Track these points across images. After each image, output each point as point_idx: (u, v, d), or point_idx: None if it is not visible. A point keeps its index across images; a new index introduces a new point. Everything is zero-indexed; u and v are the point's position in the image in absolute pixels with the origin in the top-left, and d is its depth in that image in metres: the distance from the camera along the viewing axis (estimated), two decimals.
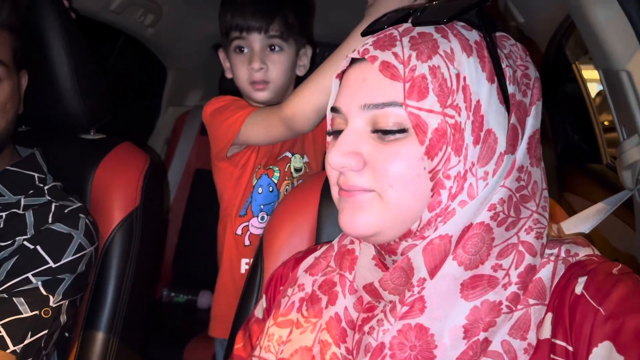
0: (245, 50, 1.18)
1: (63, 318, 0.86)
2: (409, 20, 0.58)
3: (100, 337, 0.95)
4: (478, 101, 0.52)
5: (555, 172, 1.72)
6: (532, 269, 0.53)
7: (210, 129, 1.18)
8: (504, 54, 0.56)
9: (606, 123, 1.68)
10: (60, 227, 0.89)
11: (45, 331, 0.83)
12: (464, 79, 0.52)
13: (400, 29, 0.56)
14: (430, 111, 0.52)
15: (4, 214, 0.91)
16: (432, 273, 0.53)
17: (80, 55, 1.02)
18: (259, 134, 1.10)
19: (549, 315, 0.52)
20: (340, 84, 0.60)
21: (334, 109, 0.59)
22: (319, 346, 0.61)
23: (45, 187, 0.96)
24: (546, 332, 0.51)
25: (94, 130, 1.11)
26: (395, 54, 0.54)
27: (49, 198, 0.94)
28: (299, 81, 1.24)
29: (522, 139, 0.55)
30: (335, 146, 0.55)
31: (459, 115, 0.52)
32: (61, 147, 1.07)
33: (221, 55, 1.25)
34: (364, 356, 0.55)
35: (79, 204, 0.95)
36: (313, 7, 1.31)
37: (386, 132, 0.54)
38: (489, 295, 0.52)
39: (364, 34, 0.63)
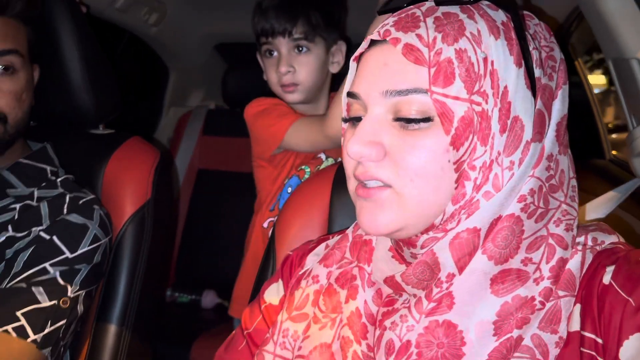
0: (274, 53, 1.19)
1: (80, 308, 0.87)
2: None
3: (112, 329, 0.95)
4: (505, 87, 0.50)
5: None
6: (563, 263, 0.51)
7: (253, 131, 1.22)
8: (529, 35, 0.53)
9: (610, 126, 1.69)
10: (75, 218, 0.90)
11: (64, 321, 0.83)
12: (492, 63, 0.49)
13: (423, 8, 0.53)
14: (457, 98, 0.49)
15: (17, 206, 0.91)
16: (461, 268, 0.50)
17: (91, 50, 1.03)
18: (302, 145, 1.14)
19: (577, 307, 0.50)
20: (357, 68, 0.57)
21: (351, 95, 0.56)
22: (339, 343, 0.58)
23: (58, 180, 0.96)
24: (575, 324, 0.49)
25: (103, 126, 1.12)
26: (419, 36, 0.50)
27: (62, 190, 0.94)
28: (337, 78, 1.26)
29: (549, 125, 0.53)
30: (355, 135, 0.52)
31: (486, 102, 0.49)
32: (71, 142, 1.07)
33: (259, 59, 1.27)
34: (384, 354, 0.53)
35: (92, 196, 0.95)
36: (342, 4, 1.29)
37: (409, 121, 0.50)
38: (520, 290, 0.50)
39: (380, 12, 0.59)
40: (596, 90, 2.44)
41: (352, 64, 0.59)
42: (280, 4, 1.17)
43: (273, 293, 0.71)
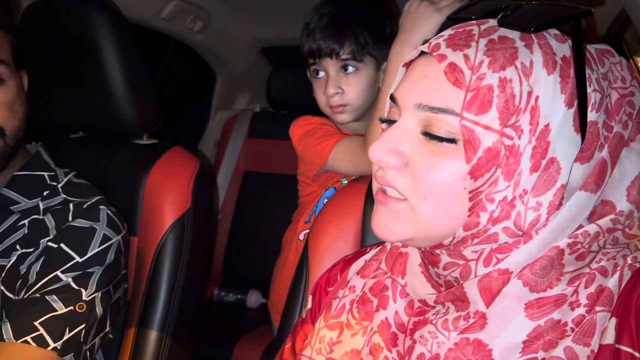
0: (321, 74, 1.17)
1: (99, 309, 0.87)
2: (497, 18, 0.52)
3: (153, 335, 0.98)
4: (547, 125, 0.47)
5: None
6: (602, 290, 0.50)
7: (298, 150, 1.21)
8: (598, 74, 0.51)
9: None
10: (80, 223, 0.89)
11: (83, 325, 0.84)
12: (536, 98, 0.47)
13: (483, 27, 0.51)
14: (488, 128, 0.47)
15: (26, 221, 0.91)
16: (489, 304, 0.51)
17: (133, 64, 1.06)
18: (346, 167, 1.11)
19: (613, 321, 0.49)
20: (405, 73, 0.57)
21: (392, 97, 0.55)
22: (368, 349, 0.60)
23: (59, 185, 0.96)
24: (609, 338, 0.49)
25: (147, 136, 1.16)
26: (466, 57, 0.49)
27: (65, 196, 0.94)
28: None
29: (610, 176, 0.51)
30: (380, 140, 0.52)
31: (519, 137, 0.47)
32: (115, 152, 1.11)
33: (309, 75, 1.25)
34: None
35: (97, 197, 0.95)
36: (393, 13, 1.22)
37: (434, 138, 0.50)
38: (554, 314, 0.49)
39: (451, 18, 0.58)
40: None
41: (402, 69, 0.58)
42: (327, 25, 1.14)
43: (304, 311, 0.75)
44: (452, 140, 0.49)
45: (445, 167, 0.49)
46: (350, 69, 1.14)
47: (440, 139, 0.49)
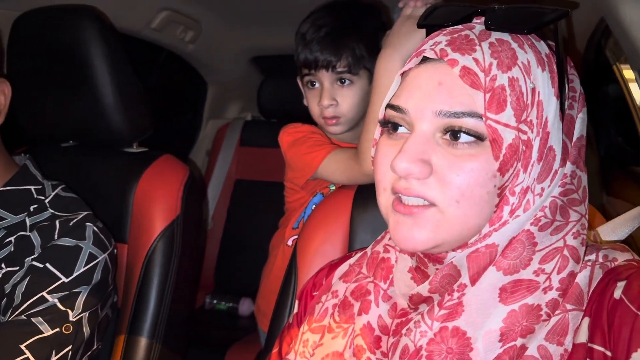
0: (316, 84, 1.18)
1: (86, 330, 0.86)
2: (474, 20, 0.56)
3: (143, 342, 0.99)
4: (547, 118, 0.52)
5: (598, 176, 1.67)
6: (573, 276, 0.52)
7: (287, 157, 1.21)
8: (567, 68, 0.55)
9: None
10: (66, 241, 0.88)
11: (70, 347, 0.83)
12: (538, 94, 0.51)
13: (476, 31, 0.54)
14: (507, 125, 0.50)
15: (12, 238, 0.90)
16: (473, 280, 0.53)
17: (123, 73, 1.07)
18: (339, 179, 1.10)
19: (586, 320, 0.51)
20: (403, 82, 0.57)
21: (396, 108, 0.55)
22: (351, 351, 0.61)
23: (46, 200, 0.95)
24: (582, 337, 0.50)
25: (137, 144, 1.17)
26: (476, 60, 0.51)
27: (52, 211, 0.94)
28: None
29: (570, 148, 0.55)
30: (403, 151, 0.52)
31: (532, 131, 0.51)
32: (105, 160, 1.12)
33: (299, 83, 1.25)
34: (398, 357, 0.55)
35: (84, 213, 0.94)
36: (387, 26, 1.22)
37: (459, 141, 0.51)
38: (528, 299, 0.51)
39: (420, 26, 0.60)
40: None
41: (398, 78, 0.58)
42: (324, 37, 1.14)
43: (291, 317, 0.76)
44: (478, 141, 0.51)
45: (474, 167, 0.51)
46: (346, 82, 1.15)
47: (467, 142, 0.51)
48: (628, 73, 1.61)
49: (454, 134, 0.51)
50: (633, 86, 1.52)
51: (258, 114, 2.16)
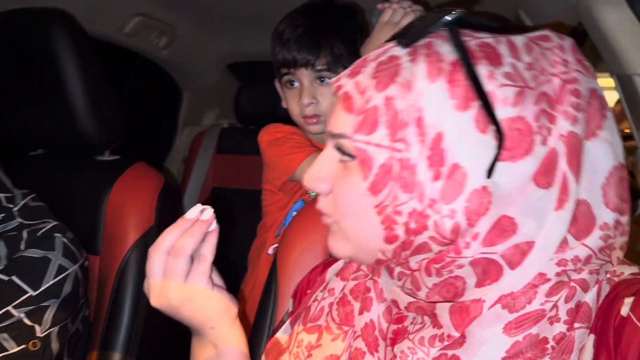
0: (295, 84, 1.17)
1: (55, 345, 0.83)
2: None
3: (117, 358, 0.96)
4: (439, 134, 0.46)
5: None
6: (580, 305, 0.49)
7: (265, 158, 1.21)
8: (515, 65, 0.47)
9: (627, 131, 1.64)
10: (34, 253, 0.84)
11: None
12: (420, 110, 0.47)
13: (382, 49, 0.53)
14: (379, 145, 0.48)
15: None
16: (461, 328, 0.50)
17: (94, 78, 1.04)
18: None
19: (591, 337, 0.48)
20: None
21: None
22: (348, 354, 0.59)
23: (15, 209, 0.92)
24: (587, 356, 0.48)
25: (109, 152, 1.13)
26: (357, 83, 0.51)
27: (20, 220, 0.90)
28: None
29: (578, 182, 0.48)
30: (310, 169, 0.57)
31: (408, 150, 0.47)
32: (76, 169, 1.09)
33: (277, 86, 1.25)
34: None
35: (53, 223, 0.91)
36: (363, 27, 1.24)
37: (343, 161, 0.54)
38: (532, 329, 0.48)
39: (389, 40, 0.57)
40: (614, 98, 2.39)
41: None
42: (302, 35, 1.14)
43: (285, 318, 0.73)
44: (354, 160, 0.52)
45: (350, 185, 0.52)
46: (325, 80, 1.15)
47: (347, 161, 0.53)
48: (601, 81, 1.63)
49: (340, 153, 0.54)
50: (607, 93, 1.54)
51: (235, 121, 2.13)
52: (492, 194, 0.47)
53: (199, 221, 0.67)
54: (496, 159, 0.46)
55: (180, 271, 0.63)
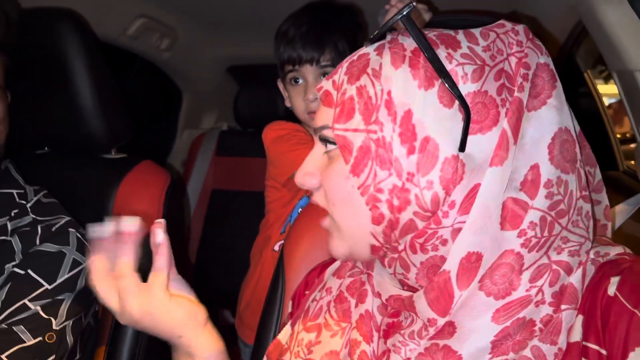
0: (300, 81, 1.19)
1: (69, 339, 0.83)
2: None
3: (125, 353, 0.95)
4: (407, 111, 0.51)
5: None
6: (565, 287, 0.51)
7: (269, 155, 1.23)
8: (472, 47, 0.52)
9: (618, 136, 1.67)
10: (49, 247, 0.85)
11: (52, 356, 0.80)
12: (389, 93, 0.52)
13: (356, 55, 0.57)
14: (356, 130, 0.53)
15: None
16: (444, 313, 0.51)
17: (102, 77, 1.05)
18: None
19: (580, 318, 0.50)
20: None
21: None
22: (347, 350, 0.61)
23: (28, 205, 0.92)
24: (576, 335, 0.50)
25: (115, 150, 1.14)
26: (334, 82, 0.57)
27: (34, 216, 0.90)
28: None
29: (516, 142, 0.50)
30: (300, 167, 0.60)
31: (382, 130, 0.51)
32: (83, 167, 1.09)
33: (280, 86, 1.26)
34: None
35: (67, 218, 0.91)
36: (364, 25, 1.28)
37: (326, 151, 0.58)
38: (520, 314, 0.50)
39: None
40: (612, 100, 2.42)
41: None
42: (306, 33, 1.16)
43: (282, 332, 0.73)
44: (337, 148, 0.56)
45: (333, 172, 0.56)
46: None
47: (332, 150, 0.57)
48: (599, 80, 1.66)
49: (325, 144, 0.58)
50: (608, 90, 1.57)
51: (234, 124, 2.14)
52: (465, 164, 0.50)
53: (124, 236, 0.66)
54: (467, 133, 0.50)
55: (132, 288, 0.62)
